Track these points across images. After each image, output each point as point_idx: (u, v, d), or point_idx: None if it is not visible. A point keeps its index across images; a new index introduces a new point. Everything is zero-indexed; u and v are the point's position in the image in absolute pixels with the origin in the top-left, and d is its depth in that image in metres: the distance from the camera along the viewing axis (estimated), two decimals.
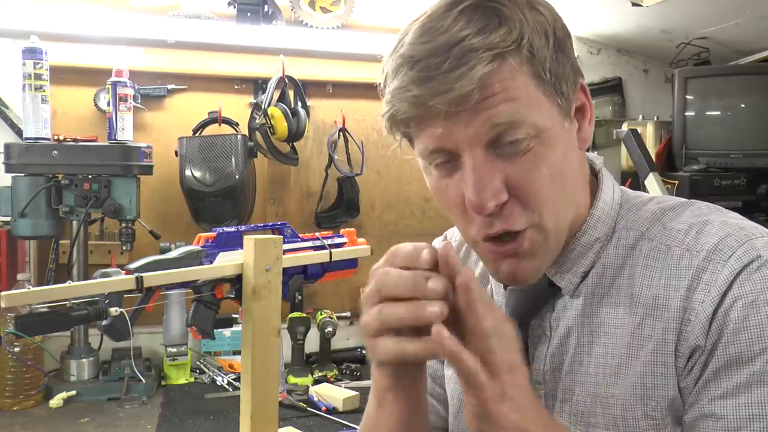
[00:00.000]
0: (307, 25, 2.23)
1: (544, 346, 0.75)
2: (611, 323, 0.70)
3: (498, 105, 0.63)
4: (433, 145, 0.67)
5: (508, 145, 0.65)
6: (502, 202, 0.66)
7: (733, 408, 0.62)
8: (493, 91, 0.63)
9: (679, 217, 0.72)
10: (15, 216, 1.80)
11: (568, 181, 0.70)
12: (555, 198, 0.68)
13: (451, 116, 0.64)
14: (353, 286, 2.34)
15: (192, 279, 1.17)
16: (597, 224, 0.74)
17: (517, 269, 0.70)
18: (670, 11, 2.09)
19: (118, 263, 1.80)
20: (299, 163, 2.23)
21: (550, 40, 0.66)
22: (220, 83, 2.23)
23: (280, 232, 1.33)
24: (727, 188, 2.25)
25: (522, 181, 0.66)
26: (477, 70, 0.61)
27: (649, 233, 0.72)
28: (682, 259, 0.68)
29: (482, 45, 0.61)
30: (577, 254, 0.74)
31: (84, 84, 2.10)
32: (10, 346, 1.72)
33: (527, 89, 0.64)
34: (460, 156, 0.66)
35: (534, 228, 0.68)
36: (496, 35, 0.62)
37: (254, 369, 1.10)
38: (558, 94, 0.67)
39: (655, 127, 2.49)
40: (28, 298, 1.01)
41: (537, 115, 0.65)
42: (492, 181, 0.65)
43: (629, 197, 0.77)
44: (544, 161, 0.66)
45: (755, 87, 2.33)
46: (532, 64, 0.64)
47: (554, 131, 0.67)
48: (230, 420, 1.67)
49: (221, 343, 2.12)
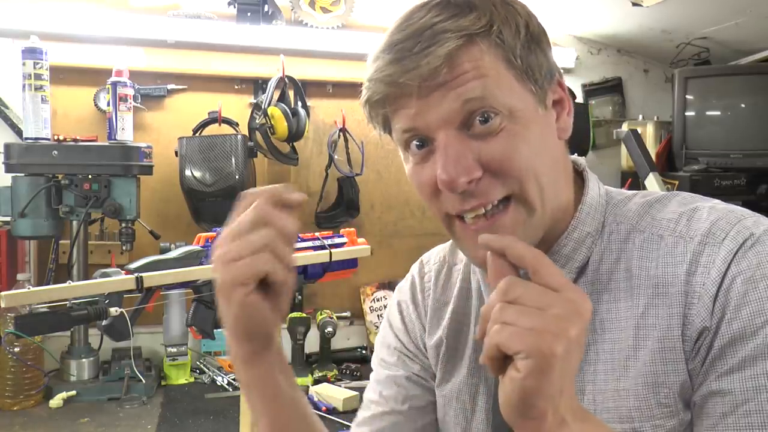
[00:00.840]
0: (307, 25, 2.23)
1: None
2: (614, 318, 0.71)
3: (468, 82, 0.65)
4: (407, 125, 0.68)
5: (479, 126, 0.66)
6: (476, 178, 0.66)
7: (739, 382, 0.62)
8: (462, 70, 0.65)
9: (667, 208, 0.73)
10: (15, 216, 1.80)
11: (548, 161, 0.70)
12: (537, 173, 0.67)
13: (423, 95, 0.65)
14: (353, 286, 2.34)
15: (192, 279, 1.17)
16: (587, 219, 0.74)
17: None
18: (670, 11, 2.09)
19: (118, 263, 1.80)
20: (299, 163, 2.23)
21: (521, 31, 0.67)
22: (220, 83, 2.23)
23: None
24: (727, 188, 2.25)
25: (497, 157, 0.66)
26: (445, 47, 0.64)
27: (639, 225, 0.73)
28: (677, 246, 0.69)
29: (452, 27, 0.64)
30: (570, 250, 0.74)
31: (84, 84, 2.10)
32: (10, 346, 1.72)
33: (497, 69, 0.66)
34: (434, 138, 0.67)
35: (516, 200, 0.67)
36: (466, 20, 0.65)
37: None
38: (530, 80, 0.68)
39: (655, 127, 2.49)
40: (28, 298, 1.01)
41: (508, 95, 0.66)
42: (464, 157, 0.65)
43: (613, 194, 0.79)
44: (520, 139, 0.66)
45: (755, 87, 2.33)
46: (502, 48, 0.66)
47: (528, 113, 0.67)
48: (230, 420, 1.67)
49: (221, 343, 2.11)
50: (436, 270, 0.91)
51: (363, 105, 0.71)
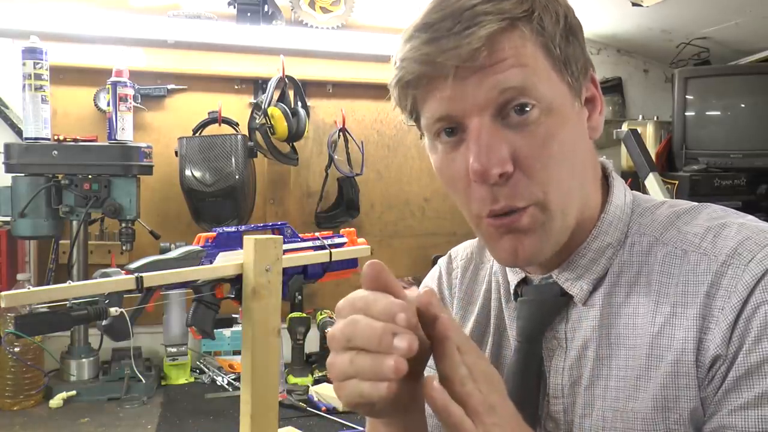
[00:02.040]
0: (307, 25, 2.23)
1: (561, 358, 0.73)
2: (630, 334, 0.68)
3: (507, 69, 0.62)
4: (440, 111, 0.65)
5: (516, 115, 0.63)
6: (508, 173, 0.63)
7: (754, 420, 0.59)
8: (503, 55, 0.62)
9: (695, 221, 0.69)
10: (15, 216, 1.80)
11: (578, 164, 0.68)
12: (563, 177, 0.66)
13: (459, 78, 0.62)
14: (353, 286, 2.31)
15: (192, 279, 1.17)
16: (609, 228, 0.72)
17: (518, 246, 0.67)
18: (670, 11, 2.09)
19: (118, 263, 1.80)
20: (299, 163, 2.23)
21: (561, 21, 0.65)
22: (220, 83, 2.23)
23: (280, 232, 1.33)
24: (727, 188, 2.25)
25: (530, 154, 0.64)
26: (486, 28, 0.61)
27: (663, 238, 0.69)
28: (700, 264, 0.65)
29: (493, 9, 0.62)
30: (588, 260, 0.71)
31: (84, 84, 2.10)
32: (10, 346, 1.72)
33: (536, 59, 0.63)
34: (467, 126, 0.65)
35: (536, 206, 0.65)
36: (508, 3, 0.62)
37: (254, 369, 1.10)
38: (567, 72, 0.66)
39: (655, 127, 2.49)
40: (28, 298, 1.01)
41: (547, 87, 0.64)
42: (498, 148, 0.63)
43: (641, 201, 0.75)
44: (553, 137, 0.64)
45: (755, 87, 2.33)
46: (542, 36, 0.64)
47: (565, 108, 0.65)
48: (230, 420, 1.67)
49: (221, 343, 2.12)
50: (463, 267, 0.89)
51: (392, 86, 0.69)
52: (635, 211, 0.74)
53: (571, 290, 0.72)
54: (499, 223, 0.67)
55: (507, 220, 0.66)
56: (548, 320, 0.74)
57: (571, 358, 0.72)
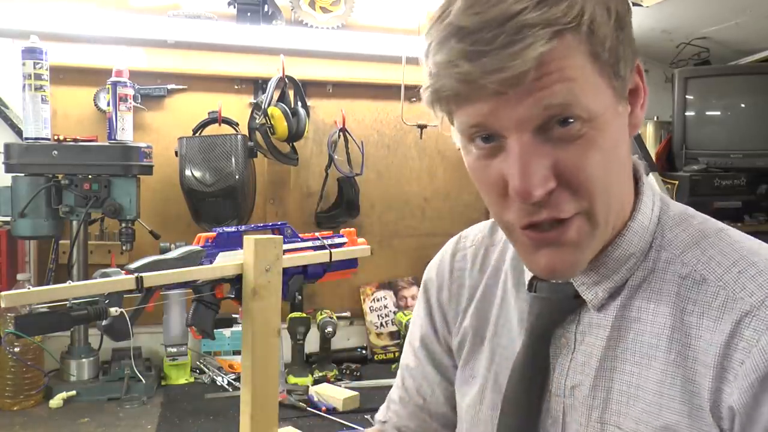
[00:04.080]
0: (307, 25, 2.23)
1: (567, 358, 0.72)
2: (638, 351, 0.67)
3: (553, 85, 0.58)
4: (477, 121, 0.61)
5: (558, 129, 0.60)
6: (550, 190, 0.60)
7: None
8: (548, 70, 0.57)
9: (719, 245, 0.66)
10: (15, 216, 1.80)
11: (621, 170, 0.66)
12: (607, 187, 0.63)
13: (500, 95, 0.58)
14: (353, 286, 2.34)
15: (192, 279, 1.17)
16: (633, 238, 0.69)
17: (557, 261, 0.65)
18: (670, 11, 2.09)
19: (118, 263, 1.80)
20: (299, 163, 2.23)
21: (612, 15, 0.60)
22: (220, 83, 2.23)
23: (280, 232, 1.33)
24: (727, 188, 2.25)
25: (572, 168, 0.61)
26: (534, 48, 0.56)
27: (684, 257, 0.67)
28: (717, 297, 0.63)
29: (540, 21, 0.56)
30: (608, 269, 0.69)
31: (84, 84, 2.10)
32: (10, 346, 1.72)
33: (583, 69, 0.59)
34: (506, 137, 0.61)
35: (583, 215, 0.63)
36: (556, 9, 0.57)
37: (254, 369, 1.10)
38: (615, 75, 0.62)
39: (655, 127, 2.49)
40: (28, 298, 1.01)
41: (592, 98, 0.60)
42: (540, 167, 0.60)
43: (669, 211, 0.72)
44: (596, 147, 0.61)
45: (755, 87, 2.33)
46: (591, 42, 0.59)
47: (608, 116, 0.62)
48: (230, 420, 1.67)
49: (221, 343, 2.12)
50: (472, 253, 0.89)
51: (424, 93, 0.64)
52: (662, 220, 0.71)
53: (586, 295, 0.71)
54: (541, 237, 0.64)
55: (552, 234, 0.63)
56: (559, 319, 0.73)
57: (577, 361, 0.71)
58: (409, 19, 2.32)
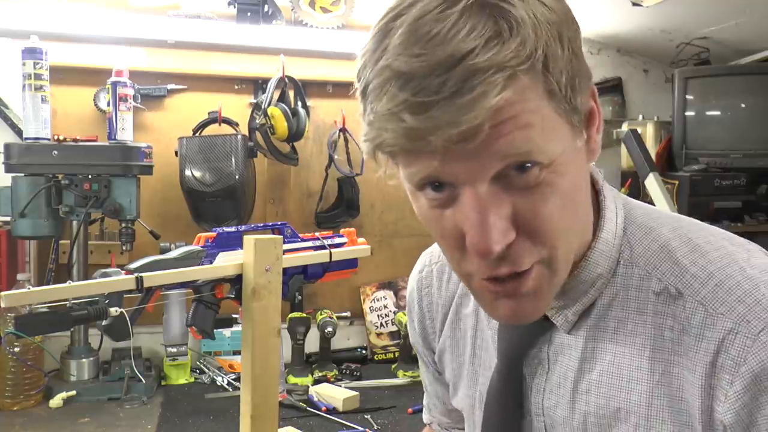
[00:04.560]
0: (307, 25, 2.23)
1: (542, 378, 0.71)
2: (614, 373, 0.65)
3: (510, 133, 0.52)
4: (425, 173, 0.56)
5: (515, 176, 0.55)
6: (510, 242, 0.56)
7: None
8: (504, 118, 0.51)
9: (693, 256, 0.63)
10: (15, 216, 1.80)
11: (578, 209, 0.62)
12: (567, 231, 0.60)
13: (451, 148, 0.52)
14: (353, 286, 2.34)
15: (192, 279, 1.17)
16: (600, 258, 0.66)
17: (518, 310, 0.62)
18: (670, 11, 2.09)
19: (118, 263, 1.80)
20: (299, 163, 2.23)
21: (565, 44, 0.55)
22: (220, 83, 2.23)
23: (280, 232, 1.33)
24: (727, 188, 2.25)
25: (532, 216, 0.56)
26: (488, 97, 0.50)
27: (656, 272, 0.64)
28: (696, 313, 0.60)
29: (492, 64, 0.50)
30: (577, 292, 0.67)
31: (84, 84, 2.10)
32: (10, 346, 1.72)
33: (541, 111, 0.54)
34: (459, 189, 0.56)
35: (543, 264, 0.59)
36: (508, 49, 0.50)
37: (254, 369, 1.10)
38: (572, 110, 0.57)
39: (655, 127, 2.49)
40: (28, 298, 1.01)
41: (551, 140, 0.55)
42: (498, 220, 0.55)
43: (634, 222, 0.68)
44: (556, 192, 0.56)
45: (755, 87, 2.33)
46: (546, 80, 0.53)
47: (566, 156, 0.57)
48: (230, 420, 1.67)
49: (221, 343, 2.12)
50: (438, 272, 0.88)
51: (364, 146, 0.59)
52: (627, 231, 0.67)
53: (555, 319, 0.68)
54: (500, 289, 0.60)
55: (510, 286, 0.60)
56: (530, 342, 0.72)
57: (552, 382, 0.70)
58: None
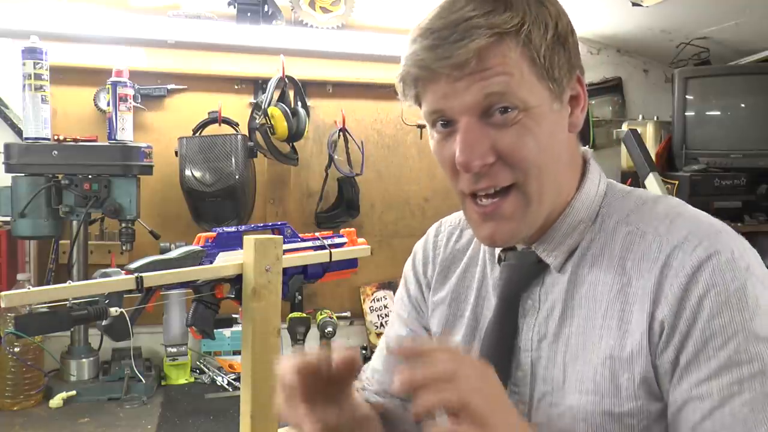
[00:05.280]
0: (307, 25, 2.23)
1: (533, 318, 0.83)
2: (590, 297, 0.78)
3: (493, 77, 0.72)
4: (436, 106, 0.76)
5: (498, 116, 0.74)
6: (488, 164, 0.75)
7: (717, 389, 0.68)
8: (489, 64, 0.72)
9: (656, 208, 0.80)
10: (15, 216, 1.80)
11: (553, 155, 0.78)
12: (539, 167, 0.76)
13: (452, 80, 0.73)
14: (353, 286, 2.34)
15: (192, 279, 1.17)
16: (581, 208, 0.82)
17: (495, 231, 0.79)
18: (670, 11, 2.09)
19: (118, 263, 1.80)
20: (299, 163, 2.23)
21: (550, 32, 0.74)
22: (220, 83, 2.23)
23: (280, 232, 1.33)
24: (727, 188, 2.25)
25: (508, 148, 0.74)
26: (476, 42, 0.71)
27: (628, 219, 0.80)
28: (653, 243, 0.75)
29: (485, 24, 0.72)
30: (562, 234, 0.82)
31: (84, 84, 2.10)
32: (10, 346, 1.72)
33: (520, 68, 0.73)
34: (457, 121, 0.75)
35: (518, 189, 0.76)
36: (499, 18, 0.72)
37: (254, 369, 1.10)
38: (549, 78, 0.75)
39: (655, 127, 2.49)
40: (28, 298, 1.01)
41: (527, 92, 0.74)
42: (480, 144, 0.74)
43: (614, 189, 0.85)
44: (530, 133, 0.74)
45: (755, 87, 2.33)
46: (527, 48, 0.73)
47: (542, 109, 0.75)
48: (230, 420, 1.67)
49: (221, 343, 2.12)
50: (449, 232, 1.01)
51: (397, 82, 0.79)
52: (608, 195, 0.84)
53: (547, 259, 0.83)
54: (482, 210, 0.78)
55: (490, 206, 0.78)
56: (526, 283, 0.85)
57: (540, 318, 0.82)
58: (409, 19, 2.31)
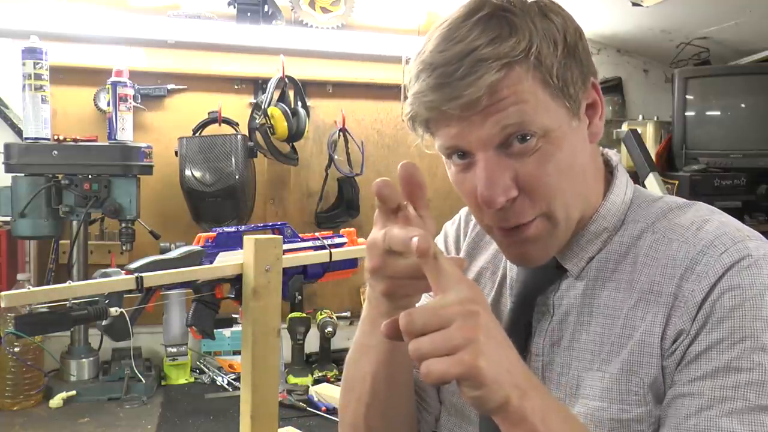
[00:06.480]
0: (307, 25, 2.23)
1: (546, 321, 0.81)
2: (609, 305, 0.76)
3: (507, 108, 0.68)
4: (449, 143, 0.73)
5: (517, 145, 0.70)
6: (512, 198, 0.71)
7: (709, 389, 0.66)
8: (501, 96, 0.68)
9: (684, 215, 0.77)
10: (15, 216, 1.80)
11: (577, 175, 0.75)
12: (563, 191, 0.73)
13: (463, 119, 0.70)
14: (353, 286, 2.34)
15: (192, 279, 1.17)
16: (607, 215, 0.79)
17: (524, 253, 0.77)
18: (670, 11, 2.09)
19: (118, 263, 1.80)
20: (299, 163, 2.23)
21: (559, 47, 0.70)
22: (220, 83, 2.23)
23: (280, 232, 1.33)
24: (727, 188, 2.25)
25: (530, 178, 0.71)
26: (485, 78, 0.67)
27: (654, 226, 0.77)
28: (680, 250, 0.73)
29: (492, 55, 0.67)
30: (585, 241, 0.79)
31: (84, 84, 2.10)
32: (10, 346, 1.72)
33: (535, 93, 0.69)
34: (474, 155, 0.72)
35: (542, 217, 0.74)
36: (506, 45, 0.67)
37: (254, 369, 1.10)
38: (565, 96, 0.71)
39: (655, 127, 2.49)
40: (28, 298, 1.01)
41: (544, 116, 0.70)
42: (502, 178, 0.71)
43: (642, 195, 0.83)
44: (551, 159, 0.71)
45: (755, 87, 2.33)
46: (539, 70, 0.69)
47: (561, 131, 0.72)
48: (230, 420, 1.67)
49: (221, 343, 2.12)
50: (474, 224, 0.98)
51: (407, 120, 0.76)
52: (635, 202, 0.81)
53: (566, 265, 0.80)
54: (509, 240, 0.76)
55: (516, 235, 0.75)
56: (542, 287, 0.82)
57: (554, 322, 0.80)
58: (409, 19, 2.32)
